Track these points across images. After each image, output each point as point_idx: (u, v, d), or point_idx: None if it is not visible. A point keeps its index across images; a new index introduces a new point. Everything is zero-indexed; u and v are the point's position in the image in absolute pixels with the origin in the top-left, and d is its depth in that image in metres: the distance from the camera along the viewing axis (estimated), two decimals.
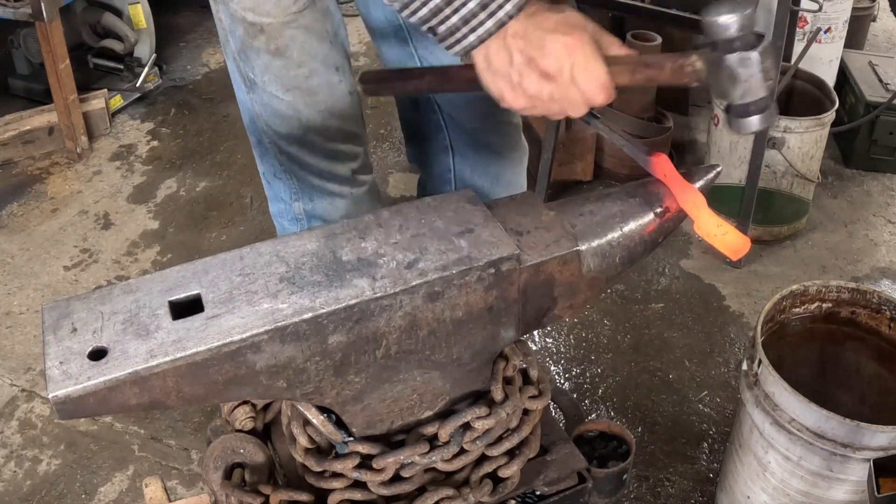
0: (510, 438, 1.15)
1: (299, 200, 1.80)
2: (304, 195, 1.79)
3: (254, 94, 1.66)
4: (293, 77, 1.60)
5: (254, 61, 1.59)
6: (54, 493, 2.26)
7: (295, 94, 1.62)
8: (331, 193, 1.77)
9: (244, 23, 1.53)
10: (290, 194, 1.80)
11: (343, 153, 1.75)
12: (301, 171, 1.75)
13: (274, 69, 1.59)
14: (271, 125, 1.69)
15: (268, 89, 1.62)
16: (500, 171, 1.97)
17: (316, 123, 1.66)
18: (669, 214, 1.15)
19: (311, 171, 1.74)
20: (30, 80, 3.88)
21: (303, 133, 1.67)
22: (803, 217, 3.18)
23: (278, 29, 1.53)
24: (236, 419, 1.21)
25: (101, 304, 0.96)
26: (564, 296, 1.11)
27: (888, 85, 3.47)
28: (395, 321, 0.99)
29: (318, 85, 1.63)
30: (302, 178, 1.76)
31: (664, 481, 2.28)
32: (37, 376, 2.58)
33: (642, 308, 2.84)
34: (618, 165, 3.43)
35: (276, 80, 1.61)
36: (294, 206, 1.81)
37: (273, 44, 1.55)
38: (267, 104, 1.65)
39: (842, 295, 1.95)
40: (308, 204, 1.79)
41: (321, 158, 1.72)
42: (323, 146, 1.71)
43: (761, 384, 1.80)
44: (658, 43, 3.31)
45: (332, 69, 1.63)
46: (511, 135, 1.95)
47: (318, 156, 1.72)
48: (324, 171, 1.74)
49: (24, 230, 3.19)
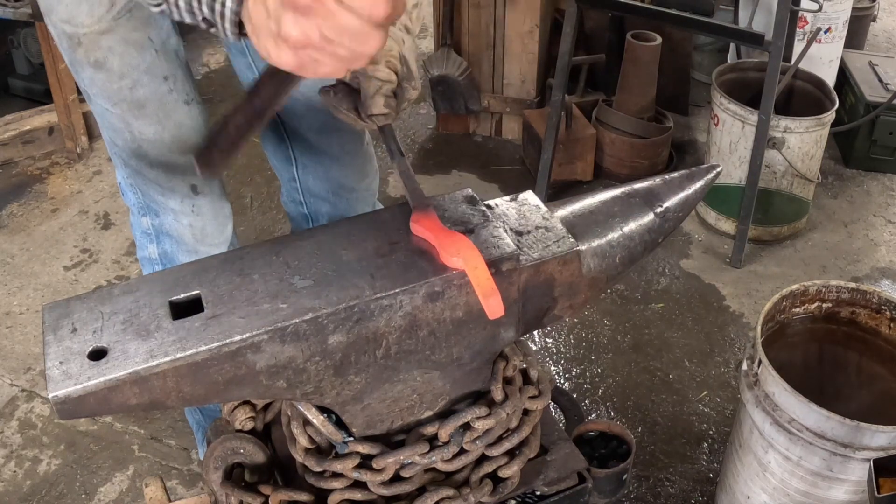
0: (510, 438, 1.15)
1: (146, 215, 1.75)
2: (150, 210, 1.74)
3: (92, 105, 1.62)
4: (117, 90, 1.54)
5: (81, 74, 1.55)
6: (54, 493, 2.26)
7: (122, 106, 1.56)
8: (173, 210, 1.72)
9: (65, 35, 1.48)
10: (138, 207, 1.76)
11: (180, 166, 1.67)
12: (143, 184, 1.70)
13: (98, 82, 1.54)
14: (111, 137, 1.65)
15: (98, 102, 1.58)
16: (341, 179, 1.90)
17: (148, 135, 1.60)
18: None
19: (152, 185, 1.69)
20: (30, 80, 3.88)
21: (137, 146, 1.62)
22: (803, 217, 3.18)
23: (94, 39, 1.47)
24: (236, 419, 1.21)
25: (101, 304, 0.96)
26: (564, 296, 1.11)
27: (888, 85, 3.47)
28: (396, 321, 0.99)
29: (145, 97, 1.56)
30: (145, 192, 1.71)
31: (664, 481, 2.28)
32: (37, 376, 2.58)
33: (642, 308, 2.84)
34: (618, 165, 3.43)
35: (102, 94, 1.56)
36: (143, 221, 1.77)
37: (91, 56, 1.49)
38: (101, 116, 1.61)
39: (842, 295, 1.95)
40: (155, 219, 1.75)
41: (159, 172, 1.66)
42: (158, 159, 1.64)
43: (761, 384, 1.80)
44: (658, 43, 3.31)
45: (159, 79, 1.56)
46: (351, 142, 1.86)
47: (155, 169, 1.66)
48: (163, 185, 1.68)
49: (24, 230, 3.19)
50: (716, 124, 3.04)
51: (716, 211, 3.18)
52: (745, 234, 2.99)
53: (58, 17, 1.47)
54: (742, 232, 2.98)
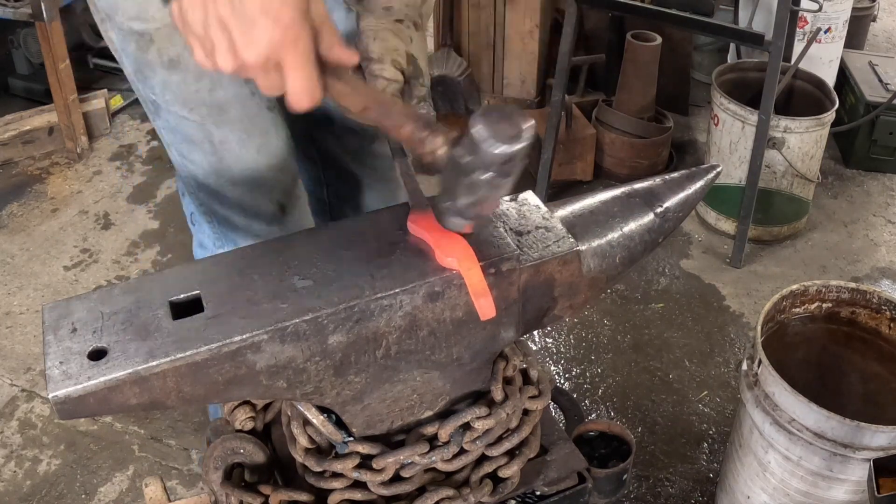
0: (510, 438, 1.15)
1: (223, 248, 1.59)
2: (227, 240, 1.59)
3: (160, 119, 1.47)
4: (195, 92, 1.40)
5: (152, 80, 1.41)
6: (54, 493, 2.26)
7: (201, 111, 1.42)
8: (256, 236, 1.56)
9: (133, 35, 1.35)
10: (213, 240, 1.61)
11: (267, 182, 1.54)
12: (221, 208, 1.55)
13: (173, 86, 1.40)
14: (184, 153, 1.50)
15: (171, 110, 1.43)
16: (370, 205, 1.80)
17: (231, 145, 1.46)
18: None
19: (233, 209, 1.55)
20: (30, 80, 3.88)
21: (218, 158, 1.48)
22: (803, 217, 3.18)
23: (168, 34, 1.34)
24: (236, 419, 1.21)
25: (101, 304, 0.96)
26: (565, 296, 1.11)
27: (888, 85, 3.47)
28: (395, 321, 0.99)
29: (226, 99, 1.42)
30: (223, 218, 1.57)
31: (664, 481, 2.28)
32: (37, 376, 2.58)
33: (642, 308, 2.84)
34: (618, 165, 3.43)
35: (177, 99, 1.41)
36: None
37: (166, 54, 1.36)
38: (175, 128, 1.46)
39: (842, 295, 1.95)
40: None
41: (243, 190, 1.53)
42: (243, 174, 1.50)
43: (761, 384, 1.80)
44: (658, 43, 3.31)
45: (239, 80, 1.39)
46: (383, 169, 1.75)
47: (239, 187, 1.52)
48: (247, 207, 1.54)
49: (24, 230, 3.19)
50: (716, 124, 3.04)
51: (716, 211, 3.18)
52: (745, 234, 2.99)
53: (125, 17, 1.35)
54: (742, 232, 2.98)
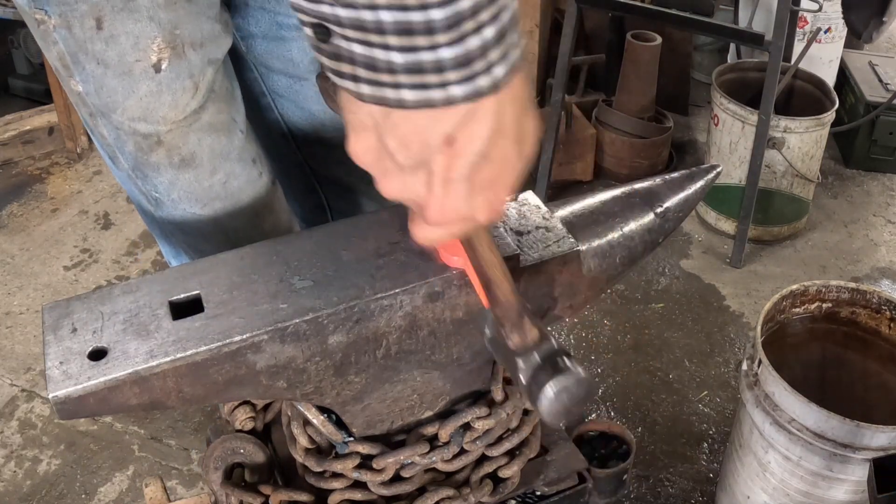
0: (510, 439, 1.15)
1: None
2: None
3: (163, 212, 1.33)
4: (208, 188, 1.28)
5: (154, 179, 1.27)
6: (54, 493, 2.26)
7: (215, 206, 1.31)
8: None
9: (135, 136, 1.21)
10: None
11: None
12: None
13: (183, 185, 1.27)
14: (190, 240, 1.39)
15: (180, 207, 1.30)
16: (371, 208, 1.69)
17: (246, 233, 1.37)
18: None
19: None
20: (30, 80, 3.88)
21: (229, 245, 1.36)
22: (803, 217, 3.18)
23: (180, 136, 1.22)
24: (236, 419, 1.21)
25: (101, 304, 0.96)
26: (565, 296, 1.11)
27: (888, 85, 3.48)
28: (396, 321, 0.99)
29: (240, 188, 1.32)
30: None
31: (664, 481, 2.28)
32: (37, 376, 2.58)
33: (642, 308, 2.84)
34: (618, 165, 3.43)
35: (189, 197, 1.29)
36: None
37: (176, 155, 1.23)
38: (182, 222, 1.33)
39: (842, 295, 1.95)
40: None
41: None
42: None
43: (761, 384, 1.80)
44: (658, 43, 3.31)
45: (248, 164, 1.32)
46: None
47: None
48: None
49: (24, 230, 3.19)
50: (716, 124, 3.04)
51: (716, 211, 3.18)
52: (745, 234, 2.99)
53: (126, 117, 1.19)
54: (742, 232, 2.98)
